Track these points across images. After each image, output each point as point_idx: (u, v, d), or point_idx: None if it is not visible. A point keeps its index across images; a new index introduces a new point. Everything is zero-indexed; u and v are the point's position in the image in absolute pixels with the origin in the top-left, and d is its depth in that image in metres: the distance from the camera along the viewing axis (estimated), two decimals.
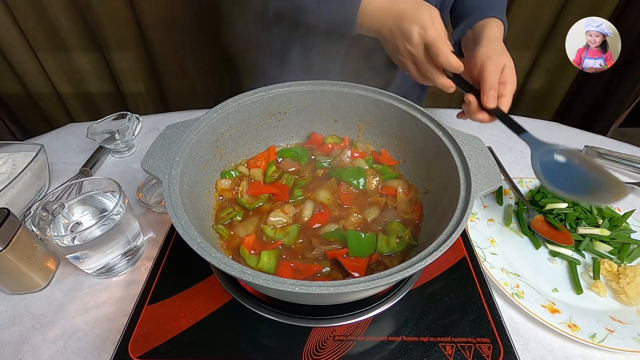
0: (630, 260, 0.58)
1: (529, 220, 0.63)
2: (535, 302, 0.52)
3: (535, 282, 0.56)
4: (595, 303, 0.54)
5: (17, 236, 0.50)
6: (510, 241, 0.62)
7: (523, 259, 0.60)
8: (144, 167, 0.46)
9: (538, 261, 0.60)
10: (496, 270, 0.56)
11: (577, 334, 0.49)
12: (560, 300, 0.54)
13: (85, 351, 0.48)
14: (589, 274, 0.57)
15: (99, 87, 1.46)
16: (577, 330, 0.49)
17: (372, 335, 0.47)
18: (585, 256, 0.60)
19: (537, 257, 0.60)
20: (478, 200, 0.66)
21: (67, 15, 1.24)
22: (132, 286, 0.55)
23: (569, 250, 0.60)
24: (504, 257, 0.59)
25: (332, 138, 0.66)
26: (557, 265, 0.59)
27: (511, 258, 0.60)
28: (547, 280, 0.57)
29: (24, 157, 0.71)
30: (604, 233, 0.60)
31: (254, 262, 0.48)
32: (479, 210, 0.67)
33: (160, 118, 0.93)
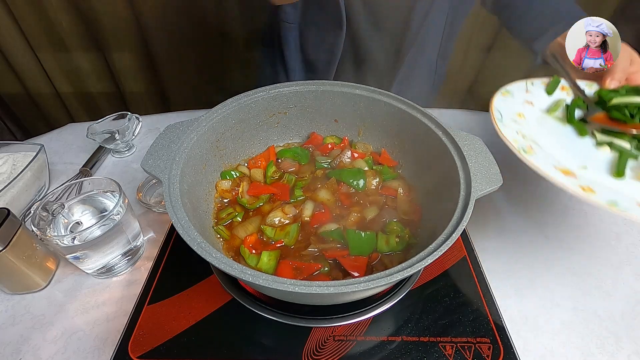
0: None
1: (588, 116, 0.54)
2: (547, 162, 0.44)
3: (558, 154, 0.48)
4: (628, 187, 0.45)
5: (17, 236, 0.50)
6: (548, 124, 0.54)
7: (554, 138, 0.51)
8: (144, 167, 0.46)
9: (572, 144, 0.51)
10: (510, 130, 0.47)
11: (592, 197, 0.41)
12: (583, 175, 0.45)
13: (85, 351, 0.48)
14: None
15: (99, 87, 1.46)
16: (591, 194, 0.41)
17: (372, 335, 0.47)
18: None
19: (575, 143, 0.51)
20: (522, 83, 0.60)
21: (67, 15, 1.24)
22: (132, 286, 0.55)
23: (627, 142, 0.50)
24: (528, 128, 0.51)
25: (332, 138, 0.66)
26: (601, 154, 0.50)
27: (539, 132, 0.51)
28: (577, 158, 0.48)
29: (24, 157, 0.71)
30: None
31: (254, 261, 0.48)
32: (518, 90, 0.58)
33: (160, 118, 0.93)
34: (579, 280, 0.56)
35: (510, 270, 0.58)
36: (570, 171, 0.45)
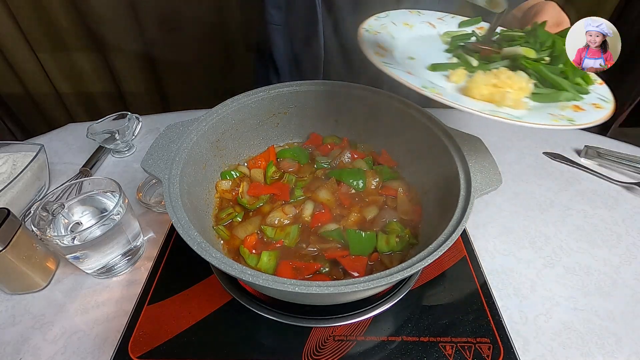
0: (538, 99, 0.48)
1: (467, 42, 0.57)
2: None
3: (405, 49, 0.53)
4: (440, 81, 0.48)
5: (17, 236, 0.50)
6: (424, 35, 0.59)
7: (416, 40, 0.56)
8: (144, 167, 0.46)
9: (429, 47, 0.56)
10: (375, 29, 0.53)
11: (384, 60, 0.45)
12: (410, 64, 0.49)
13: (85, 351, 0.48)
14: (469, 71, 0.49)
15: (99, 87, 1.46)
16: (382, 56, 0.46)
17: (372, 335, 0.47)
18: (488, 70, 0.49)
19: (429, 44, 0.56)
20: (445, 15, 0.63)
21: (67, 15, 1.24)
22: (132, 286, 0.55)
23: (476, 60, 0.52)
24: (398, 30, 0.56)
25: (332, 138, 0.66)
26: (443, 56, 0.54)
27: (406, 35, 0.56)
28: (409, 49, 0.53)
29: (24, 157, 0.71)
30: (530, 54, 0.49)
31: (254, 261, 0.48)
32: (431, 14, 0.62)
33: (160, 118, 0.93)
34: (579, 280, 0.56)
35: (510, 270, 0.58)
36: (384, 49, 0.49)
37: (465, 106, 0.40)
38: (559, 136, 0.84)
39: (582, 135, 0.87)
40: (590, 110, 0.46)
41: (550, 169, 0.76)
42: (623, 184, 0.72)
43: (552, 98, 0.47)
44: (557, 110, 0.45)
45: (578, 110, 0.46)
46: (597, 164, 0.77)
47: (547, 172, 0.75)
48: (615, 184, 0.72)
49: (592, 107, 0.46)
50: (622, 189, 0.72)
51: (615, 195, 0.70)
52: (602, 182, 0.73)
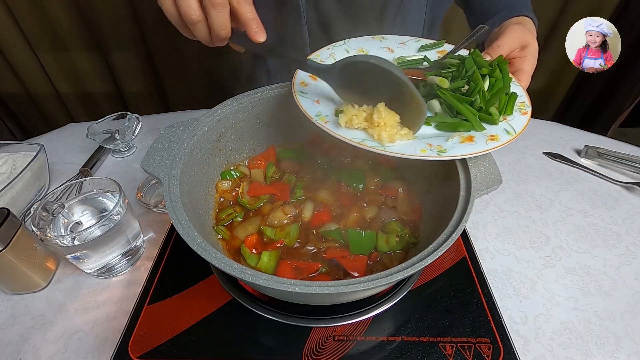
0: (442, 128, 0.48)
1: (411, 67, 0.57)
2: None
3: None
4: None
5: (17, 236, 0.50)
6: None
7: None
8: (144, 167, 0.46)
9: None
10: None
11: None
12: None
13: (85, 351, 0.48)
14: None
15: (99, 87, 1.46)
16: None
17: (372, 335, 0.47)
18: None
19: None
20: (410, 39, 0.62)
21: (67, 15, 1.24)
22: (132, 286, 0.55)
23: None
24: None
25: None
26: None
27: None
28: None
29: (24, 157, 0.71)
30: (444, 84, 0.49)
31: (254, 261, 0.48)
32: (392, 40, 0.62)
33: (160, 118, 0.93)
34: (579, 280, 0.56)
35: (510, 270, 0.58)
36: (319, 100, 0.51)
37: (341, 135, 0.44)
38: (559, 136, 0.84)
39: (582, 135, 0.87)
40: (480, 142, 0.45)
41: (550, 169, 0.76)
42: (623, 184, 0.72)
43: (451, 127, 0.48)
44: (441, 140, 0.46)
45: (465, 142, 0.46)
46: (597, 164, 0.77)
47: (547, 172, 0.75)
48: (615, 184, 0.72)
49: (485, 139, 0.46)
50: (622, 189, 0.72)
51: (615, 195, 0.70)
52: (602, 182, 0.73)
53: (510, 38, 0.56)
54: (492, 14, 0.67)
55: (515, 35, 0.57)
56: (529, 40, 0.58)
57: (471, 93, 0.49)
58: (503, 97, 0.49)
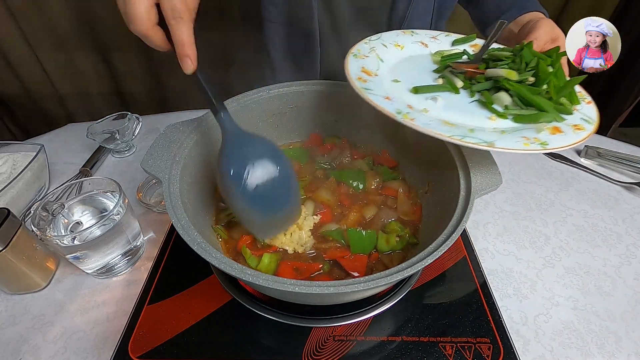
0: (520, 120, 0.47)
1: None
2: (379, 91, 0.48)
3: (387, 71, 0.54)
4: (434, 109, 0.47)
5: (17, 236, 0.50)
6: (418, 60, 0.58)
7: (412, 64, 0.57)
8: (144, 167, 0.46)
9: (418, 66, 0.56)
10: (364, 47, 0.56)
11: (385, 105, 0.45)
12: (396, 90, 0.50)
13: (85, 351, 0.48)
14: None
15: (99, 87, 1.46)
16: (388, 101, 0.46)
17: (372, 335, 0.47)
18: (475, 96, 0.50)
19: (422, 66, 0.57)
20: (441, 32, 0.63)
21: (67, 15, 1.24)
22: (132, 286, 0.55)
23: (461, 80, 0.51)
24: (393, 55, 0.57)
25: (332, 139, 0.66)
26: (430, 78, 0.54)
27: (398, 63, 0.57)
28: (398, 73, 0.54)
29: (24, 157, 0.71)
30: (512, 76, 0.48)
31: (254, 262, 0.48)
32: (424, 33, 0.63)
33: (160, 118, 0.93)
34: (579, 280, 0.56)
35: (510, 270, 0.58)
36: (370, 75, 0.50)
37: (435, 132, 0.41)
38: None
39: None
40: (568, 132, 0.45)
41: (550, 169, 0.76)
42: (623, 184, 0.72)
43: (532, 119, 0.46)
44: (533, 132, 0.45)
45: (556, 133, 0.45)
46: (597, 164, 0.77)
47: (547, 172, 0.75)
48: (615, 184, 0.72)
49: (572, 129, 0.46)
50: (622, 189, 0.72)
51: (615, 195, 0.70)
52: (602, 182, 0.73)
53: (543, 32, 0.58)
54: (502, 11, 0.69)
55: (547, 29, 0.59)
56: (558, 34, 0.60)
57: (539, 84, 0.49)
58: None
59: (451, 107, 0.48)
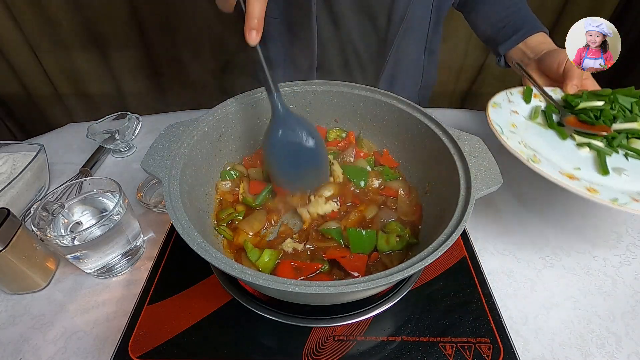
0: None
1: (562, 118, 0.61)
2: (553, 169, 0.50)
3: (556, 159, 0.54)
4: (623, 184, 0.51)
5: (17, 236, 0.50)
6: (534, 130, 0.60)
7: (542, 142, 0.58)
8: (144, 167, 0.46)
9: (560, 148, 0.57)
10: (513, 142, 0.52)
11: (596, 196, 0.46)
12: (580, 175, 0.51)
13: (85, 351, 0.48)
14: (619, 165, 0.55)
15: (99, 87, 1.46)
16: (596, 193, 0.47)
17: (372, 335, 0.47)
18: (619, 152, 0.56)
19: (561, 146, 0.58)
20: (504, 94, 0.65)
21: (67, 15, 1.24)
22: (132, 286, 0.55)
23: (600, 142, 0.56)
24: (524, 136, 0.57)
25: (337, 132, 0.66)
26: (584, 155, 0.56)
27: (532, 139, 0.57)
28: (569, 161, 0.54)
29: (24, 157, 0.71)
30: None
31: (255, 256, 0.48)
32: (503, 101, 0.64)
33: (160, 118, 0.93)
34: (578, 280, 0.56)
35: (510, 270, 0.58)
36: (572, 174, 0.51)
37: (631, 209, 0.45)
38: None
39: None
40: None
41: None
42: None
43: None
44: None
45: None
46: None
47: None
48: None
49: None
50: None
51: None
52: None
53: (577, 72, 0.65)
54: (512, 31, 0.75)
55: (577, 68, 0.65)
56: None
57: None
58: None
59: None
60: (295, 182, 0.54)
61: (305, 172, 0.53)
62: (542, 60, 0.70)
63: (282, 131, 0.50)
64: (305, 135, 0.50)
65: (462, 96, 1.58)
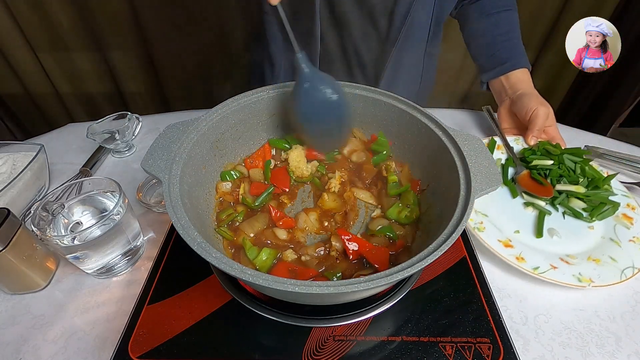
0: (600, 218, 0.62)
1: (516, 175, 0.68)
2: (493, 237, 0.58)
3: (501, 223, 0.62)
4: (551, 246, 0.59)
5: (17, 236, 0.50)
6: None
7: (496, 203, 0.65)
8: (144, 167, 0.46)
9: (510, 207, 0.65)
10: None
11: (522, 264, 0.54)
12: (517, 240, 0.59)
13: (85, 351, 0.48)
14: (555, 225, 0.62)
15: (99, 87, 1.46)
16: (522, 262, 0.54)
17: (372, 335, 0.47)
18: (558, 210, 0.65)
19: (511, 204, 0.66)
20: None
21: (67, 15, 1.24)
22: (132, 286, 0.55)
23: (543, 201, 0.64)
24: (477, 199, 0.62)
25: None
26: (529, 213, 0.64)
27: (485, 200, 0.64)
28: (512, 223, 0.62)
29: (24, 157, 0.71)
30: (579, 190, 0.63)
31: (253, 254, 0.49)
32: None
33: (160, 118, 0.93)
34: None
35: (511, 270, 0.58)
36: (509, 240, 0.58)
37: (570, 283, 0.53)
38: None
39: (582, 135, 0.87)
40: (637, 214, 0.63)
41: None
42: (623, 184, 0.72)
43: (608, 214, 0.62)
44: (624, 229, 0.61)
45: (626, 219, 0.62)
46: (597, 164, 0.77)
47: None
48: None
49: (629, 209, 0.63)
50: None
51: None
52: None
53: (541, 121, 0.73)
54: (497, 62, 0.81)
55: (541, 113, 0.73)
56: (548, 111, 0.74)
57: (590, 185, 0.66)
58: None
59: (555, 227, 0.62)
60: (321, 137, 0.58)
61: (329, 127, 0.57)
62: (515, 102, 0.77)
63: (308, 86, 0.52)
64: (330, 90, 0.53)
65: (462, 96, 1.58)
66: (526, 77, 0.79)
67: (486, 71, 0.83)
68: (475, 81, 1.52)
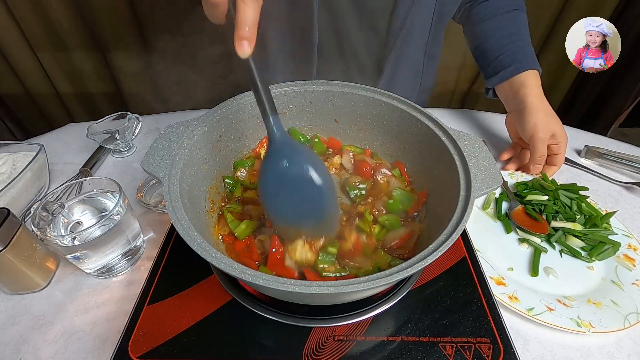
0: (600, 259, 0.59)
1: (510, 210, 0.66)
2: (486, 274, 0.54)
3: (493, 259, 0.59)
4: (547, 286, 0.56)
5: (17, 236, 0.50)
6: (482, 222, 0.65)
7: (489, 238, 0.62)
8: (144, 167, 0.46)
9: (503, 243, 0.62)
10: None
11: (515, 304, 0.51)
12: (510, 277, 0.56)
13: (85, 351, 0.48)
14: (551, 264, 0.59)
15: (99, 87, 1.46)
16: (515, 302, 0.52)
17: (372, 335, 0.47)
18: (555, 248, 0.61)
19: (504, 240, 0.63)
20: None
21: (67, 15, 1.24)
22: (132, 286, 0.55)
23: (539, 238, 0.61)
24: (470, 232, 0.60)
25: (351, 147, 0.65)
26: (523, 250, 0.61)
27: (477, 235, 0.61)
28: (506, 259, 0.59)
29: (24, 157, 0.71)
30: (577, 227, 0.61)
31: (234, 225, 0.51)
32: None
33: (160, 118, 0.93)
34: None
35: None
36: (501, 278, 0.56)
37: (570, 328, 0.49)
38: None
39: (582, 135, 0.87)
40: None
41: None
42: (623, 184, 0.72)
43: (609, 254, 0.59)
44: (626, 271, 0.57)
45: (628, 260, 0.58)
46: (597, 164, 0.77)
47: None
48: (615, 184, 0.72)
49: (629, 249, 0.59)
50: (622, 189, 0.72)
51: (616, 195, 0.70)
52: (602, 182, 0.73)
53: (539, 152, 0.69)
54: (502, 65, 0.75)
55: (539, 144, 0.68)
56: (553, 128, 0.69)
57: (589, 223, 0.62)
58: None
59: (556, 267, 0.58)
60: (294, 225, 0.46)
61: (306, 214, 0.45)
62: (518, 121, 0.73)
63: (277, 160, 0.41)
64: (306, 167, 0.41)
65: (462, 96, 1.58)
66: (533, 81, 0.72)
67: (489, 77, 0.78)
68: (475, 81, 1.51)
